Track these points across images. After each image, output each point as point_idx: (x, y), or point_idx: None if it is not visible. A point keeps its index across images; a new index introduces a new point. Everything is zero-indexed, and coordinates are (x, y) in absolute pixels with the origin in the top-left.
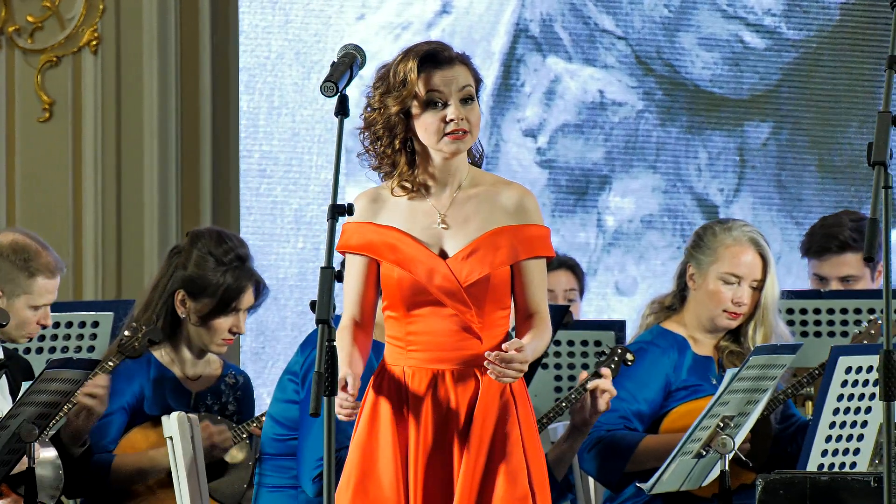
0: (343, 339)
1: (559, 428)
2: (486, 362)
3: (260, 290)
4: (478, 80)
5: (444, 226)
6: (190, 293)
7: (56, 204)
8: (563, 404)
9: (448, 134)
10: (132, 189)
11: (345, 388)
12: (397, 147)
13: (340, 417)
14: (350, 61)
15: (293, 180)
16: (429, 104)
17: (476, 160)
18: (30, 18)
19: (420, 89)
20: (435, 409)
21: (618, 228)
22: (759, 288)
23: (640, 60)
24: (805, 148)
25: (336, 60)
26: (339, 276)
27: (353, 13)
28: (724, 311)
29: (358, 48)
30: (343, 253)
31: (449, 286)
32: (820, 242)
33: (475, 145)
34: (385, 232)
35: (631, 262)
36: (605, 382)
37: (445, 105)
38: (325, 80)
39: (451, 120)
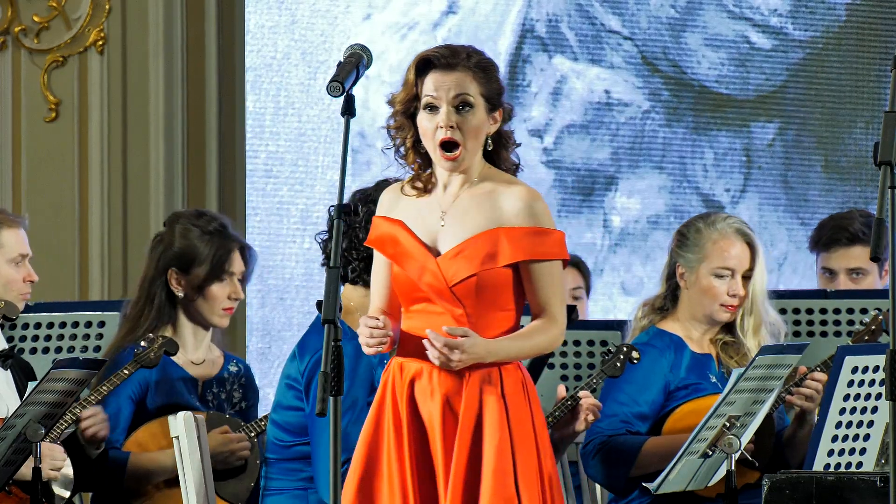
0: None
1: None
2: (425, 340)
3: (247, 253)
4: (491, 88)
5: (442, 223)
6: (181, 269)
7: (62, 204)
8: (549, 419)
9: (440, 146)
10: (138, 189)
11: (377, 318)
12: (408, 147)
13: (366, 350)
14: (356, 61)
15: (299, 180)
16: (426, 108)
17: (509, 170)
18: (36, 18)
19: (418, 92)
20: (420, 405)
21: (624, 228)
22: (749, 276)
23: (647, 60)
24: (811, 148)
25: (342, 60)
26: (345, 277)
27: (360, 13)
28: (721, 304)
29: (364, 48)
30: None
31: (437, 284)
32: (830, 234)
33: (511, 157)
34: (392, 226)
35: (637, 261)
36: (591, 399)
37: (439, 110)
38: (332, 80)
39: (441, 127)
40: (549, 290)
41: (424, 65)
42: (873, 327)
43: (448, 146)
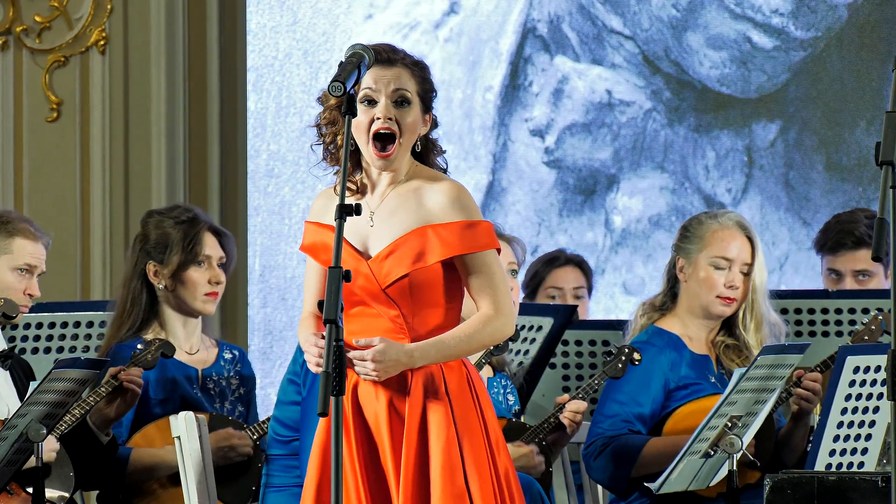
0: (309, 325)
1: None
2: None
3: (223, 238)
4: (426, 89)
5: (371, 224)
6: (157, 260)
7: (64, 204)
8: (550, 420)
9: (375, 138)
10: (140, 189)
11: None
12: (339, 144)
13: (315, 369)
14: (358, 61)
15: (301, 180)
16: (363, 101)
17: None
18: (37, 18)
19: (357, 86)
20: (364, 408)
21: (625, 228)
22: (748, 273)
23: (648, 60)
24: (813, 147)
25: (344, 60)
26: (347, 277)
27: (361, 13)
28: (718, 296)
29: (366, 48)
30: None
31: (370, 287)
32: (835, 238)
33: (439, 162)
34: (323, 232)
35: (639, 261)
36: (573, 407)
37: (376, 104)
38: (333, 80)
39: (378, 118)
40: (486, 280)
41: None
42: (873, 327)
43: (384, 138)
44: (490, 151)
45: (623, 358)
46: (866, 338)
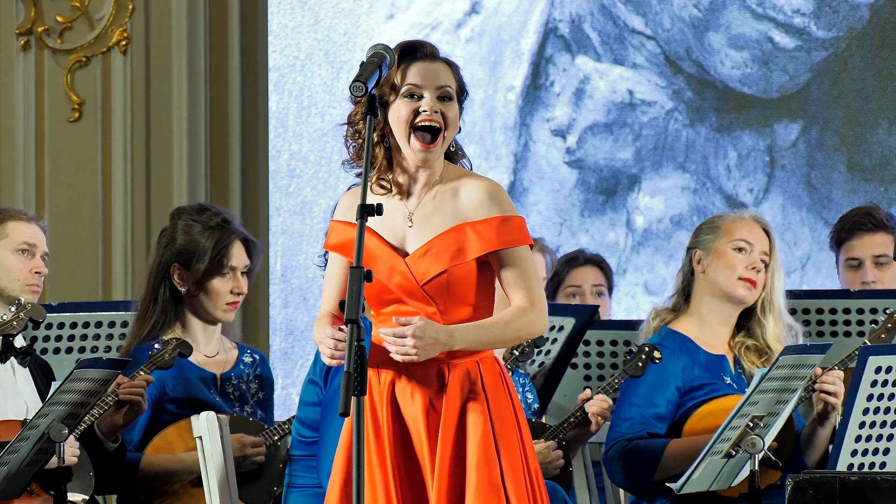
0: (325, 323)
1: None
2: (384, 343)
3: (251, 247)
4: (461, 88)
5: (410, 224)
6: (183, 264)
7: (85, 204)
8: (570, 419)
9: (418, 132)
10: (161, 189)
11: (342, 331)
12: (375, 139)
13: (329, 361)
14: (379, 61)
15: (322, 180)
16: (405, 95)
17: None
18: (59, 19)
19: (398, 80)
20: (402, 408)
21: (647, 228)
22: (766, 265)
23: (670, 60)
24: (834, 148)
25: (365, 60)
26: (369, 277)
27: (383, 13)
28: (740, 278)
29: (387, 48)
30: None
31: (407, 284)
32: (854, 219)
33: (463, 162)
34: (353, 230)
35: (660, 261)
36: (603, 404)
37: (421, 98)
38: (355, 80)
39: (424, 111)
40: (520, 275)
41: (408, 53)
42: (889, 325)
43: (429, 131)
44: (511, 151)
45: (643, 356)
46: (883, 336)
